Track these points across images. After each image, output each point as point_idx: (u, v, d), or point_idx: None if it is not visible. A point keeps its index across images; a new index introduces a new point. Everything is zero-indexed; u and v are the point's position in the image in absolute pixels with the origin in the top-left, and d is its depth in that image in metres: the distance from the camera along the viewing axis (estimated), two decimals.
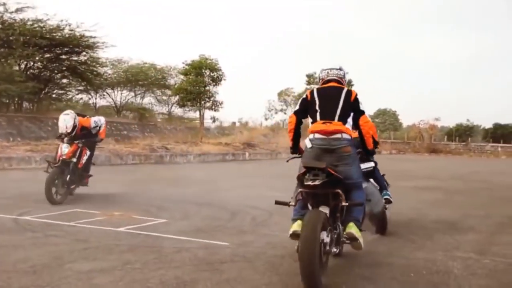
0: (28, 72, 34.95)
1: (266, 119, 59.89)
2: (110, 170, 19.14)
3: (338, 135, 5.78)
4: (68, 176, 11.40)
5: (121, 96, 47.14)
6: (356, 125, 6.07)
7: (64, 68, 37.96)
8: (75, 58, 38.05)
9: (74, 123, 11.73)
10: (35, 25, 33.95)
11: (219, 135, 46.26)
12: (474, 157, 53.97)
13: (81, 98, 46.73)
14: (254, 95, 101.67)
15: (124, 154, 25.28)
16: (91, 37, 36.33)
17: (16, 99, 34.17)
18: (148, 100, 50.04)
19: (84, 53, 37.94)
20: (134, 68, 45.52)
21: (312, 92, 6.25)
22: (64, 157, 11.45)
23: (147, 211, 10.22)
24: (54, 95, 40.55)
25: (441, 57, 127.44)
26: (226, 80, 40.43)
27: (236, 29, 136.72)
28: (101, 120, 12.56)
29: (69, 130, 11.63)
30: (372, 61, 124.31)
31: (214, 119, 50.77)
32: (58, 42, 35.21)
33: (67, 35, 35.37)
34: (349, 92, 6.08)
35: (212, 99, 40.10)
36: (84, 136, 11.99)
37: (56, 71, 38.15)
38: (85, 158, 11.96)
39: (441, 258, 6.86)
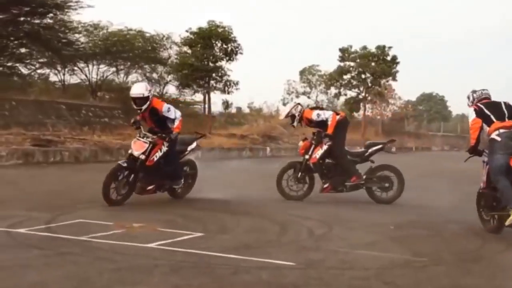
0: None
1: (284, 104, 59.63)
2: (99, 169, 19.28)
3: None
4: (132, 175, 12.53)
5: (97, 72, 46.29)
6: None
7: (22, 34, 37.69)
8: (38, 21, 38.00)
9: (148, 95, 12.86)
10: None
11: (227, 124, 46.23)
12: None
13: (44, 74, 46.32)
14: (269, 74, 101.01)
15: (114, 148, 25.51)
16: None
17: None
18: (133, 78, 49.27)
19: (50, 14, 37.93)
20: (116, 35, 44.75)
21: (480, 107, 10.23)
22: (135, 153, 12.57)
23: (173, 222, 10.48)
24: (5, 70, 40.01)
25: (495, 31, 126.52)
26: (243, 54, 40.43)
27: None
28: (176, 112, 13.25)
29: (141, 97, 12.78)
30: (412, 36, 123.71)
31: (227, 104, 50.78)
32: (16, 0, 35.11)
33: None
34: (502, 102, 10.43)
35: (224, 78, 40.03)
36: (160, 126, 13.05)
37: (12, 38, 38.05)
38: (158, 154, 12.81)
39: None
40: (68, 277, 6.67)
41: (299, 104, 15.15)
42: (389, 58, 55.37)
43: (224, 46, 40.05)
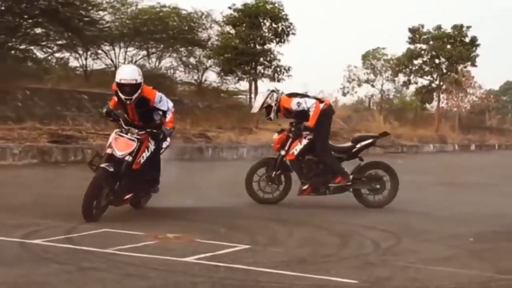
0: None
1: (344, 94, 59.61)
2: None
3: None
4: (117, 183, 11.57)
5: (125, 56, 46.39)
6: None
7: (37, 12, 37.87)
8: None
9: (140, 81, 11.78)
10: None
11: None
12: None
13: (63, 58, 46.51)
14: (326, 59, 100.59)
15: None
16: None
17: None
18: (167, 63, 49.69)
19: None
20: (147, 13, 44.93)
21: None
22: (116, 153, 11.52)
23: (214, 232, 10.53)
24: (18, 53, 40.53)
25: None
26: (296, 35, 40.43)
27: None
28: (169, 102, 12.56)
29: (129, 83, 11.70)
30: (495, 14, 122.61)
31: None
32: None
33: None
34: None
35: (274, 63, 40.06)
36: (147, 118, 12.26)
37: (25, 16, 38.32)
38: (145, 155, 11.96)
39: None
40: None
41: (273, 91, 14.39)
42: (467, 39, 54.86)
43: (274, 25, 40.17)
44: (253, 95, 44.31)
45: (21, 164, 21.71)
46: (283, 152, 13.86)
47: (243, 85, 47.48)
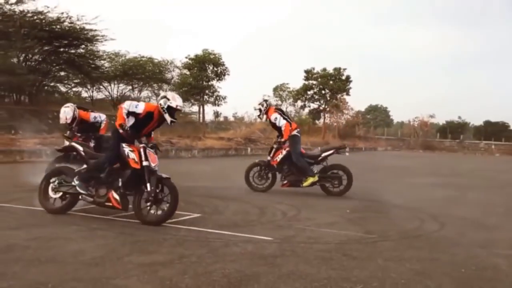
0: (25, 64, 34.72)
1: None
2: None
3: None
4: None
5: (117, 89, 46.43)
6: None
7: (62, 61, 37.59)
8: (73, 51, 37.70)
9: (74, 114, 12.23)
10: (35, 17, 33.81)
11: (216, 129, 46.32)
12: (469, 154, 54.54)
13: (77, 91, 46.15)
14: (249, 91, 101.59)
15: None
16: (91, 30, 36.27)
17: (15, 92, 34.04)
18: (145, 94, 49.52)
19: (83, 46, 37.76)
20: (132, 61, 44.90)
21: None
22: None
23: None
24: (49, 88, 40.17)
25: (429, 54, 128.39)
26: (230, 75, 40.67)
27: (234, 21, 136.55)
28: (101, 116, 12.74)
29: (68, 121, 12.18)
30: (365, 58, 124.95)
31: (217, 114, 51.15)
32: (57, 35, 34.96)
33: (67, 28, 35.25)
34: None
35: (215, 94, 40.36)
36: (85, 130, 12.34)
37: (54, 64, 37.81)
38: None
39: (484, 255, 7.05)
40: (99, 248, 6.59)
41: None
42: (344, 77, 55.50)
43: (215, 69, 40.34)
44: (201, 115, 44.60)
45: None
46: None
47: (195, 108, 47.77)
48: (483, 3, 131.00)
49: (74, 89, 44.46)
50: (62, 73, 39.98)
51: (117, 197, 8.50)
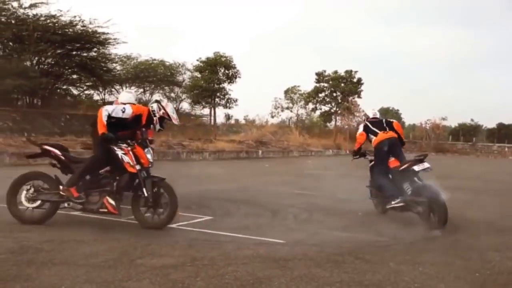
0: (38, 68, 34.92)
1: (272, 116, 59.70)
2: None
3: None
4: None
5: None
6: None
7: (74, 64, 37.76)
8: (86, 54, 37.90)
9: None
10: (48, 21, 34.04)
11: (227, 132, 46.37)
12: (481, 157, 54.14)
13: (89, 94, 46.29)
14: (261, 93, 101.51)
15: None
16: (103, 33, 36.46)
17: (28, 95, 34.22)
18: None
19: (95, 49, 37.95)
20: (143, 64, 45.09)
21: None
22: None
23: (189, 208, 10.24)
24: (61, 91, 40.20)
25: (440, 55, 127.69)
26: (241, 77, 40.82)
27: (244, 24, 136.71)
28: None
29: None
30: (376, 59, 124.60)
31: (228, 117, 51.22)
32: (70, 38, 35.13)
33: (79, 31, 35.45)
34: None
35: (226, 96, 40.45)
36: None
37: (67, 67, 38.02)
38: None
39: (499, 259, 6.98)
40: (111, 250, 6.59)
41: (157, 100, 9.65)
42: (355, 80, 55.39)
43: (227, 71, 40.53)
44: (212, 118, 44.78)
45: None
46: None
47: (206, 111, 47.60)
48: (496, 3, 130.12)
49: (86, 92, 44.61)
50: (75, 76, 40.09)
51: (112, 202, 8.16)
